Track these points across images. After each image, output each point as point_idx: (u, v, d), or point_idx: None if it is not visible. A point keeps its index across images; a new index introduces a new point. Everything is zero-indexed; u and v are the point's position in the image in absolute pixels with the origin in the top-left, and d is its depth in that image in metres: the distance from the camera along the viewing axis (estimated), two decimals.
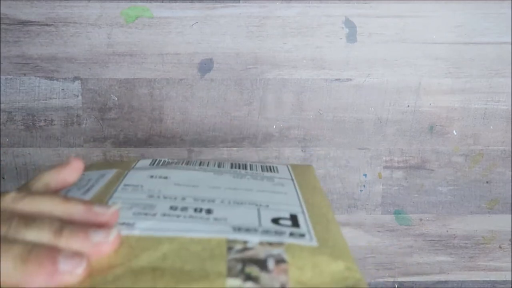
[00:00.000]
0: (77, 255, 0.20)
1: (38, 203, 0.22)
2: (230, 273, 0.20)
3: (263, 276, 0.20)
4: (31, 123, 0.43)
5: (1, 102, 0.43)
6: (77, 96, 0.43)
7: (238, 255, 0.20)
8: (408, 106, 0.44)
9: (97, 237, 0.20)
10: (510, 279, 0.47)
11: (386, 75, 0.43)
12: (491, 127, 0.44)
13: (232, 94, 0.43)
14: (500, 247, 0.47)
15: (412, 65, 0.43)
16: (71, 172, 0.26)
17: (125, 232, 0.21)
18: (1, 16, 0.41)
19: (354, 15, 0.42)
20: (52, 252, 0.20)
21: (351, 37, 0.42)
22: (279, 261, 0.20)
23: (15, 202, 0.22)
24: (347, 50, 0.43)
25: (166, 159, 0.31)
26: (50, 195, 0.23)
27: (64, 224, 0.21)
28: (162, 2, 0.41)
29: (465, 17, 0.42)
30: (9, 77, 0.42)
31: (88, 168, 0.31)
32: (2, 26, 0.41)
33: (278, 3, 0.42)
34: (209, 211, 0.24)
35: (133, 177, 0.27)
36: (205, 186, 0.27)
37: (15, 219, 0.21)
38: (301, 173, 0.34)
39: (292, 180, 0.31)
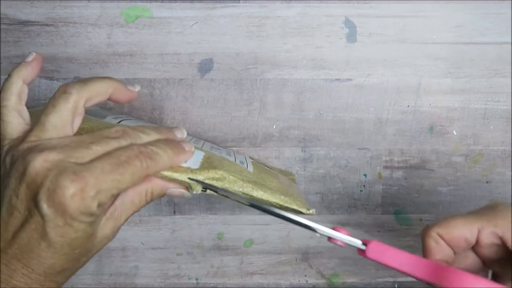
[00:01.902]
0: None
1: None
2: None
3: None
4: None
5: None
6: None
7: None
8: (408, 106, 0.44)
9: (187, 146, 0.32)
10: None
11: (386, 75, 0.43)
12: (491, 127, 0.44)
13: (232, 94, 0.43)
14: None
15: (412, 65, 0.43)
16: (128, 97, 0.33)
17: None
18: (1, 16, 0.41)
19: (354, 15, 0.42)
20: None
21: (351, 37, 0.42)
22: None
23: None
24: (347, 50, 0.43)
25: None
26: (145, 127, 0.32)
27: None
28: (162, 2, 0.41)
29: (465, 17, 0.42)
30: None
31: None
32: (2, 26, 0.41)
33: (278, 3, 0.42)
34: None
35: None
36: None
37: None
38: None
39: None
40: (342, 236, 0.30)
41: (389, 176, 0.45)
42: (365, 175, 0.45)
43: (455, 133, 0.44)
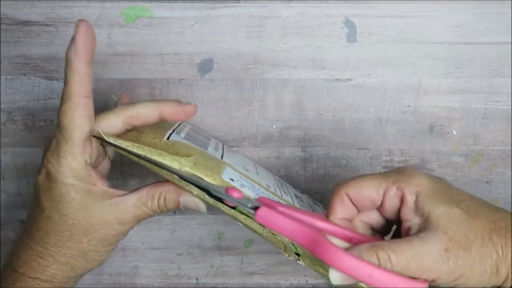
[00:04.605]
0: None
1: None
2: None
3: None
4: (31, 123, 0.43)
5: (1, 102, 0.43)
6: None
7: None
8: (408, 106, 0.44)
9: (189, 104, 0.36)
10: None
11: (386, 75, 0.43)
12: (491, 127, 0.44)
13: (232, 94, 0.43)
14: None
15: (412, 65, 0.43)
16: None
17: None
18: (1, 16, 0.41)
19: (354, 15, 0.42)
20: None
21: (351, 37, 0.42)
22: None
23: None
24: (347, 50, 0.43)
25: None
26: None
27: None
28: (162, 2, 0.41)
29: (465, 17, 0.42)
30: (9, 77, 0.42)
31: None
32: (2, 26, 0.41)
33: (278, 3, 0.42)
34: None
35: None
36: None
37: None
38: None
39: None
40: (233, 199, 0.31)
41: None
42: None
43: (455, 133, 0.44)
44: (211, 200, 0.32)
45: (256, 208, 0.30)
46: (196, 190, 0.31)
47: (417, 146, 0.45)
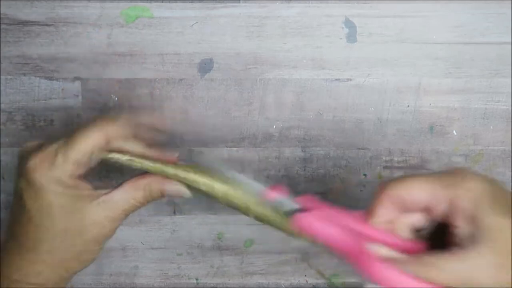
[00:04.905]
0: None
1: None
2: None
3: None
4: (31, 123, 0.43)
5: (1, 102, 0.43)
6: (77, 96, 0.43)
7: None
8: (408, 106, 0.44)
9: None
10: None
11: (386, 75, 0.43)
12: (491, 127, 0.44)
13: (232, 94, 0.43)
14: None
15: (412, 65, 0.43)
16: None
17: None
18: (1, 16, 0.41)
19: (354, 15, 0.42)
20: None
21: (351, 37, 0.42)
22: None
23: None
24: (347, 50, 0.43)
25: None
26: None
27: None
28: (162, 2, 0.41)
29: (465, 17, 0.42)
30: (9, 77, 0.42)
31: None
32: (2, 26, 0.41)
33: (278, 3, 0.42)
34: None
35: None
36: None
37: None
38: None
39: None
40: (275, 197, 0.30)
41: (389, 176, 0.45)
42: (365, 174, 0.45)
43: (455, 133, 0.44)
44: (222, 189, 0.32)
45: (294, 211, 0.29)
46: (207, 180, 0.32)
47: (417, 146, 0.45)
